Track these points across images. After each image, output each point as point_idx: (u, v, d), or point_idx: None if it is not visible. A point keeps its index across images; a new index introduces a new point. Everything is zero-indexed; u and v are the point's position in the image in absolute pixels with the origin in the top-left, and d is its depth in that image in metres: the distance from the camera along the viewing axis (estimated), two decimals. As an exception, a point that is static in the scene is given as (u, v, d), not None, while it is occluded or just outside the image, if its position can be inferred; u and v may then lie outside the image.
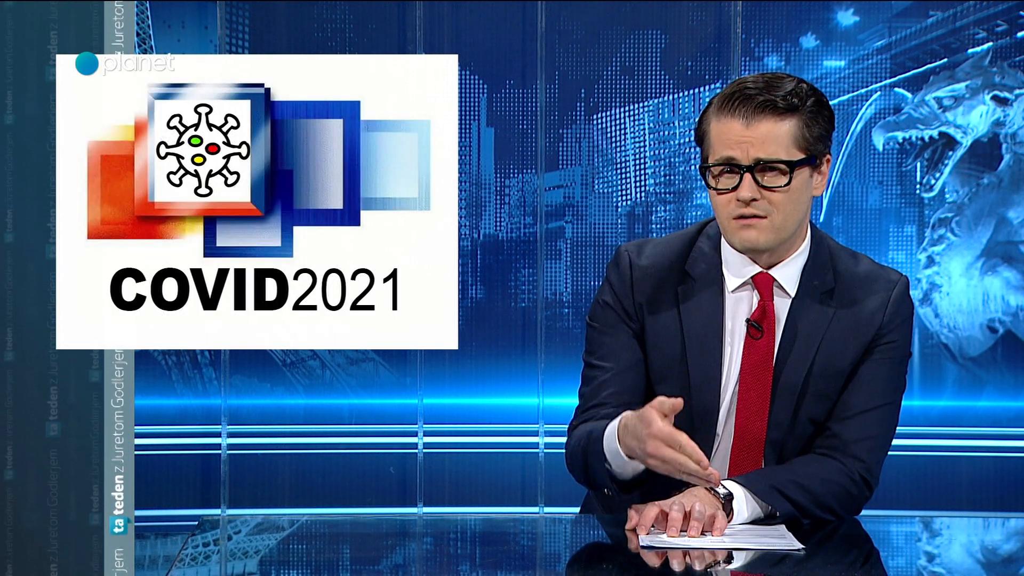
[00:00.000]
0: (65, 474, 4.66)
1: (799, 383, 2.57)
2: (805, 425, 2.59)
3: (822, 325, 2.57)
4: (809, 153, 2.52)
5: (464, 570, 2.39)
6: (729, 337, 2.59)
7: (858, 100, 4.83)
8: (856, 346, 2.59)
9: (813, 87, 2.56)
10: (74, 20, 4.60)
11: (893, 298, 2.60)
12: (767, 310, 2.58)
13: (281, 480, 4.83)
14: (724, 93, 2.54)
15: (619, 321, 2.63)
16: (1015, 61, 4.81)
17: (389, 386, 4.85)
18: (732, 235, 2.55)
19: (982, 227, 4.83)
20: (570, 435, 2.66)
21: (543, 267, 4.81)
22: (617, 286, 2.64)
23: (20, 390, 4.66)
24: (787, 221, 2.53)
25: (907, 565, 2.43)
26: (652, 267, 2.63)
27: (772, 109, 2.50)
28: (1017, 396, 4.82)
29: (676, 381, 2.59)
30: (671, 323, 2.60)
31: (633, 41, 4.80)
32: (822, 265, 2.60)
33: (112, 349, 4.11)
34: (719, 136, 2.52)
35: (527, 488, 4.83)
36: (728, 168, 2.52)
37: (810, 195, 2.56)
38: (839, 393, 2.59)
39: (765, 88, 2.51)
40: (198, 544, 2.46)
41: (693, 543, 2.36)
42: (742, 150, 2.50)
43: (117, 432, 4.11)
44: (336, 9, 4.77)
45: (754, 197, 2.51)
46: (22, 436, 4.66)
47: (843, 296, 2.59)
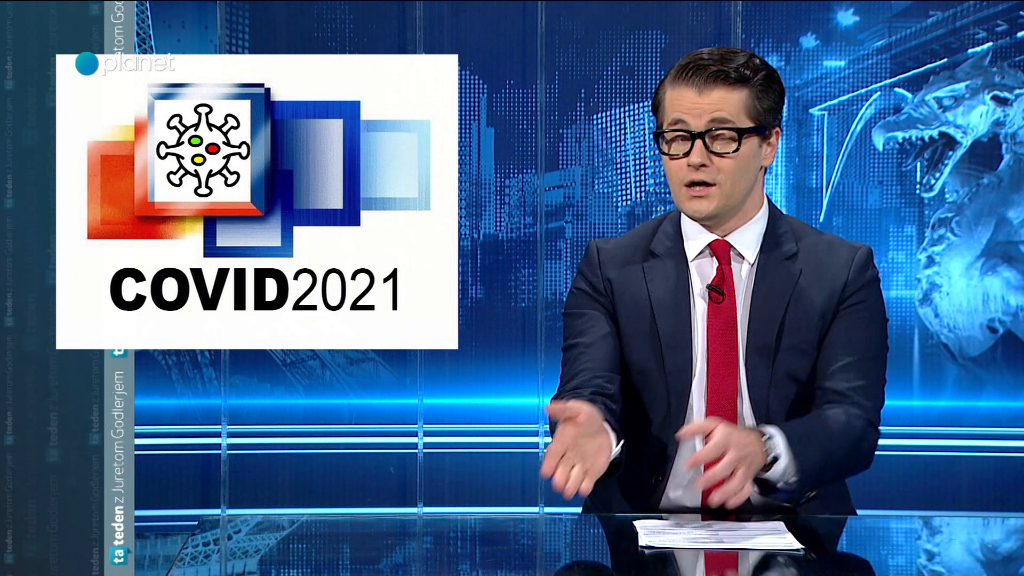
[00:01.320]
0: (65, 474, 4.66)
1: (772, 340, 2.64)
2: (785, 381, 2.66)
3: (789, 283, 2.67)
4: (759, 123, 2.63)
5: (464, 570, 2.39)
6: (694, 301, 2.68)
7: (858, 100, 4.83)
8: (823, 298, 2.66)
9: (765, 62, 2.67)
10: (74, 20, 4.60)
11: (857, 258, 2.69)
12: (726, 275, 2.67)
13: (281, 480, 4.83)
14: (679, 64, 2.65)
15: (591, 300, 2.73)
16: (1015, 61, 4.81)
17: (389, 386, 4.85)
18: (683, 203, 2.66)
19: (982, 227, 4.83)
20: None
21: (543, 267, 4.81)
22: (586, 270, 2.76)
23: (20, 389, 4.65)
24: (735, 188, 2.64)
25: (907, 565, 2.43)
26: (618, 249, 2.75)
27: (724, 79, 2.61)
28: (1017, 396, 4.82)
29: (648, 345, 2.68)
30: (639, 292, 2.70)
31: (633, 41, 4.80)
32: (783, 234, 2.70)
33: (112, 349, 4.11)
34: (672, 103, 2.64)
35: (527, 488, 4.83)
36: (680, 135, 2.63)
37: (758, 165, 2.67)
38: (815, 348, 2.66)
39: (719, 59, 2.63)
40: (198, 544, 2.46)
41: (693, 543, 2.36)
42: (694, 117, 2.62)
43: (117, 432, 4.11)
44: (336, 9, 4.77)
45: (704, 163, 2.61)
46: (22, 436, 4.66)
47: (807, 258, 2.69)
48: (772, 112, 2.65)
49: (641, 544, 2.35)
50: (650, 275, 2.70)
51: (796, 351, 2.66)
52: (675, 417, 2.66)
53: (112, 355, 4.11)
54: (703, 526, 2.48)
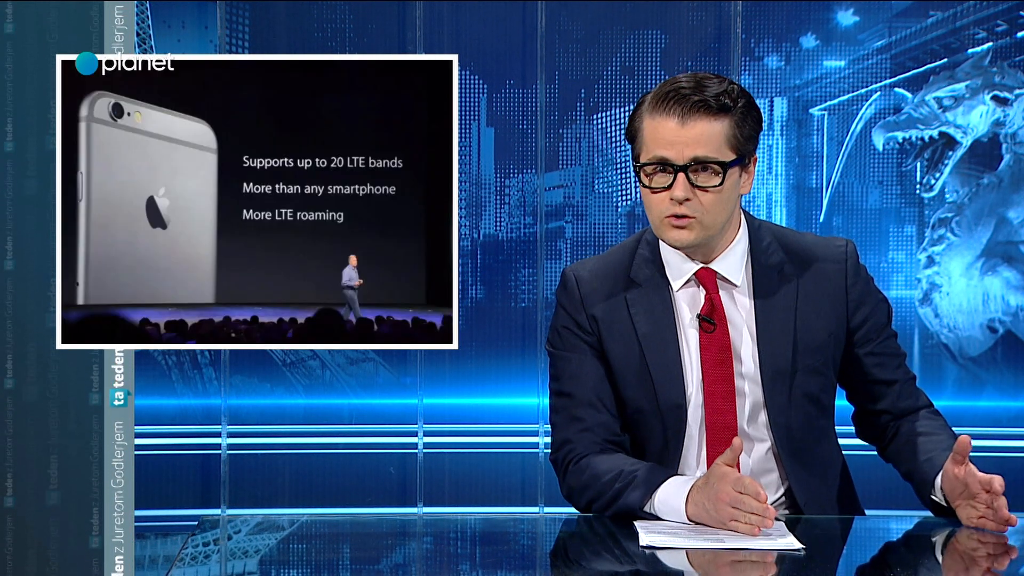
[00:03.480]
0: (65, 473, 4.66)
1: (788, 363, 2.64)
2: (803, 402, 2.65)
3: (791, 301, 2.66)
4: (739, 153, 2.59)
5: (464, 570, 2.39)
6: (683, 333, 2.66)
7: (858, 100, 4.83)
8: (827, 310, 2.67)
9: (743, 88, 2.63)
10: (74, 20, 4.60)
11: (848, 257, 2.70)
12: (715, 303, 2.65)
13: (281, 480, 4.83)
14: (657, 92, 2.59)
15: (577, 340, 2.69)
16: (1015, 61, 4.81)
17: (389, 386, 4.85)
18: (663, 233, 2.62)
19: (982, 227, 4.83)
20: (570, 469, 2.68)
21: (543, 267, 4.81)
22: (568, 306, 2.71)
23: (20, 388, 4.65)
24: (716, 220, 2.61)
25: (907, 565, 2.43)
26: (598, 280, 2.70)
27: (706, 109, 2.56)
28: (1017, 396, 4.82)
29: (640, 381, 2.65)
30: (625, 328, 2.67)
31: (633, 41, 4.80)
32: (767, 247, 2.68)
33: (112, 349, 4.11)
34: (653, 134, 2.58)
35: (527, 488, 4.83)
36: (662, 167, 2.58)
37: (738, 194, 2.64)
38: (830, 369, 2.68)
39: (698, 88, 2.58)
40: (198, 544, 2.46)
41: (693, 543, 2.36)
42: (676, 150, 2.56)
43: (117, 432, 4.11)
44: (336, 9, 4.77)
45: (687, 197, 2.57)
46: (21, 435, 4.66)
47: (798, 266, 2.68)
48: (751, 140, 2.62)
49: (641, 544, 2.35)
50: (634, 308, 2.67)
51: (812, 371, 2.65)
52: (672, 451, 2.65)
53: (112, 404, 4.12)
54: (703, 526, 2.48)
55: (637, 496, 2.53)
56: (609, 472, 2.59)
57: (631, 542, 2.38)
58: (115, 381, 4.02)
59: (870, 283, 2.73)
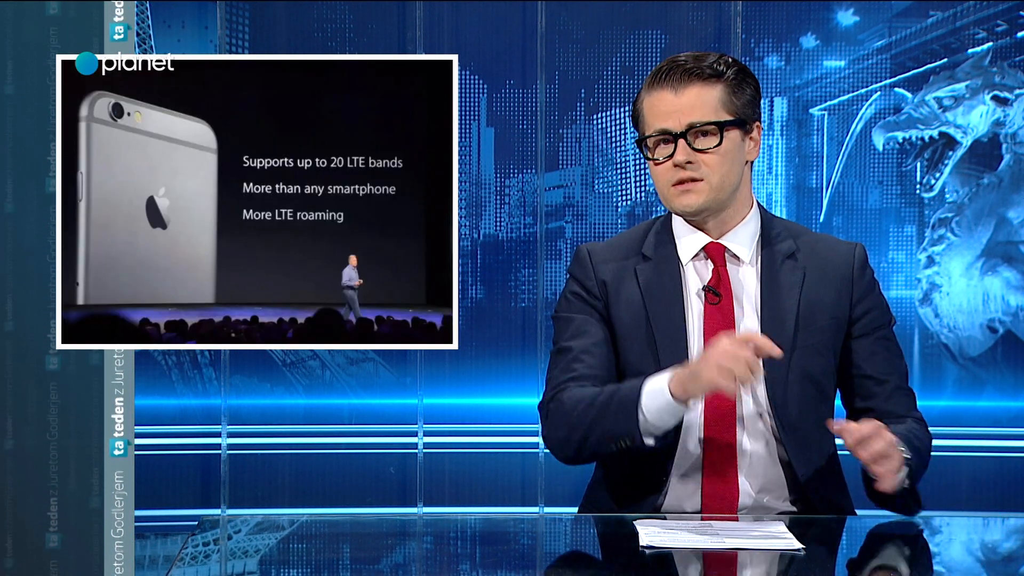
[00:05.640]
0: (64, 474, 4.66)
1: (789, 339, 2.66)
2: (801, 380, 2.68)
3: (797, 281, 2.70)
4: (738, 116, 2.67)
5: (464, 570, 2.39)
6: (689, 303, 2.70)
7: (858, 100, 4.83)
8: (831, 298, 2.71)
9: (737, 60, 2.72)
10: (74, 20, 4.60)
11: (857, 256, 2.75)
12: (722, 276, 2.70)
13: (281, 480, 4.83)
14: (653, 71, 2.69)
15: (584, 304, 2.73)
16: (1015, 61, 4.81)
17: (389, 386, 4.84)
18: (672, 201, 2.69)
19: (982, 227, 4.83)
20: (551, 406, 2.67)
21: (543, 267, 4.81)
22: (579, 273, 2.76)
23: (20, 389, 4.65)
24: (723, 182, 2.67)
25: (907, 565, 2.43)
26: (609, 251, 2.77)
27: (698, 76, 2.66)
28: (1017, 396, 4.82)
29: (643, 347, 2.69)
30: (632, 294, 2.71)
31: (633, 41, 4.80)
32: (778, 234, 2.74)
33: (112, 349, 4.11)
34: (651, 109, 2.67)
35: (527, 488, 4.83)
36: (663, 138, 2.66)
37: (743, 158, 2.70)
38: (829, 351, 2.70)
39: (692, 60, 2.68)
40: (198, 544, 2.46)
41: (693, 543, 2.36)
42: (674, 119, 2.65)
43: (117, 432, 4.11)
44: (336, 9, 4.77)
45: (688, 160, 2.65)
46: (21, 436, 4.66)
47: (807, 255, 2.73)
48: (750, 106, 2.70)
49: (641, 544, 2.35)
50: (643, 277, 2.71)
51: (811, 350, 2.68)
52: None
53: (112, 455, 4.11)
54: (703, 526, 2.48)
55: (628, 388, 2.56)
56: (593, 394, 2.61)
57: (631, 542, 2.38)
58: (115, 431, 4.03)
59: (876, 286, 2.76)
